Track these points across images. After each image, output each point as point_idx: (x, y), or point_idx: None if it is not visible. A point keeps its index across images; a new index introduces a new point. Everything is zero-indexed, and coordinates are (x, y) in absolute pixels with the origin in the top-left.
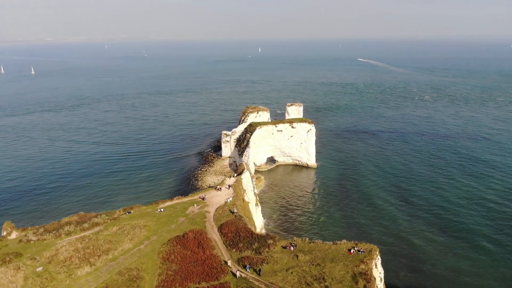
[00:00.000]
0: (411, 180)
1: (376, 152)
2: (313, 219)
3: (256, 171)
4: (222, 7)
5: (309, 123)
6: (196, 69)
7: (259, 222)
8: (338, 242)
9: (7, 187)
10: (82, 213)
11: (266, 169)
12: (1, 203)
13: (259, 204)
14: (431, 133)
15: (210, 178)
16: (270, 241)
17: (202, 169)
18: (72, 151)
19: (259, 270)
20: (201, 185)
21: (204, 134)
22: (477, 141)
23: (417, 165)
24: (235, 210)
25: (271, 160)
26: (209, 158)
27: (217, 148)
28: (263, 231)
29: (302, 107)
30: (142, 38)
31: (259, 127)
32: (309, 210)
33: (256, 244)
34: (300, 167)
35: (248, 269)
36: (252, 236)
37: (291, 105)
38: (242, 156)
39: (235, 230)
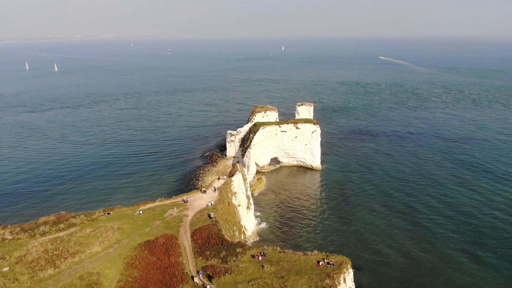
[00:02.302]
0: (419, 187)
1: (387, 155)
2: (309, 224)
3: (259, 172)
4: (248, 6)
5: (314, 124)
6: (216, 68)
7: (250, 226)
8: (309, 252)
9: (12, 185)
10: (63, 212)
11: (269, 170)
12: (4, 202)
13: (251, 207)
14: (447, 137)
15: (211, 178)
16: (239, 250)
17: (205, 169)
18: (81, 150)
19: (211, 276)
20: (201, 185)
21: (215, 134)
22: (495, 148)
23: (428, 171)
24: (212, 215)
25: (275, 161)
26: (214, 157)
27: (224, 148)
28: (256, 237)
29: (312, 107)
30: (168, 36)
31: (262, 127)
32: (306, 214)
33: (223, 253)
34: (304, 169)
35: (201, 275)
36: (222, 244)
37: (301, 104)
38: (244, 157)
39: (207, 236)
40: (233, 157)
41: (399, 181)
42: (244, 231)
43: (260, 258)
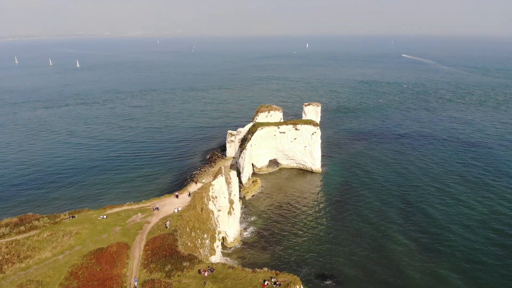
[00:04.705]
0: (421, 197)
1: (393, 160)
2: (298, 232)
3: (256, 174)
4: (275, 5)
5: (314, 125)
6: (236, 65)
7: (232, 231)
8: (258, 270)
9: (12, 184)
10: (30, 214)
11: (267, 172)
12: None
13: (233, 212)
14: (463, 141)
15: (206, 179)
16: (186, 264)
17: (202, 169)
18: (85, 149)
19: None
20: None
21: (222, 133)
22: (508, 157)
23: (434, 179)
24: (168, 224)
25: (275, 163)
26: (213, 158)
27: (225, 148)
28: (239, 243)
29: (319, 107)
30: (196, 33)
31: (260, 128)
32: (297, 221)
33: (169, 266)
34: (303, 171)
35: (136, 282)
36: (171, 256)
37: (308, 104)
38: (239, 158)
39: (158, 247)
40: (233, 157)
41: (401, 189)
42: (225, 237)
43: (206, 273)
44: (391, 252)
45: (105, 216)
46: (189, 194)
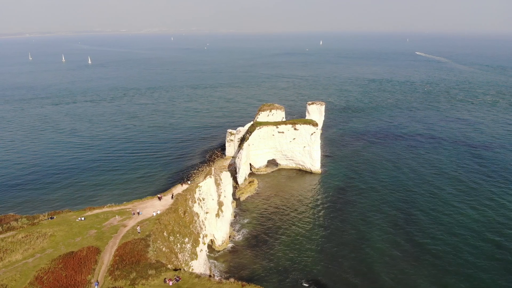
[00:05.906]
0: (423, 201)
1: (395, 162)
2: (290, 237)
3: (253, 174)
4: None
5: (313, 125)
6: (246, 63)
7: (220, 234)
8: (224, 281)
9: (8, 182)
10: (11, 214)
11: (266, 173)
12: None
13: (222, 214)
14: (469, 144)
15: (202, 179)
16: (151, 272)
17: (199, 169)
18: (87, 146)
19: None
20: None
21: (225, 132)
22: None
23: (436, 182)
24: (139, 229)
25: (274, 163)
26: (213, 157)
27: (225, 147)
28: (227, 246)
29: (323, 106)
30: (211, 30)
31: (258, 127)
32: (291, 224)
33: (134, 274)
34: (303, 172)
35: (96, 286)
36: (138, 263)
37: (312, 103)
38: (236, 157)
39: (128, 252)
40: (232, 157)
41: (398, 195)
42: (213, 240)
43: (171, 283)
44: (378, 263)
45: (83, 218)
46: (172, 196)
